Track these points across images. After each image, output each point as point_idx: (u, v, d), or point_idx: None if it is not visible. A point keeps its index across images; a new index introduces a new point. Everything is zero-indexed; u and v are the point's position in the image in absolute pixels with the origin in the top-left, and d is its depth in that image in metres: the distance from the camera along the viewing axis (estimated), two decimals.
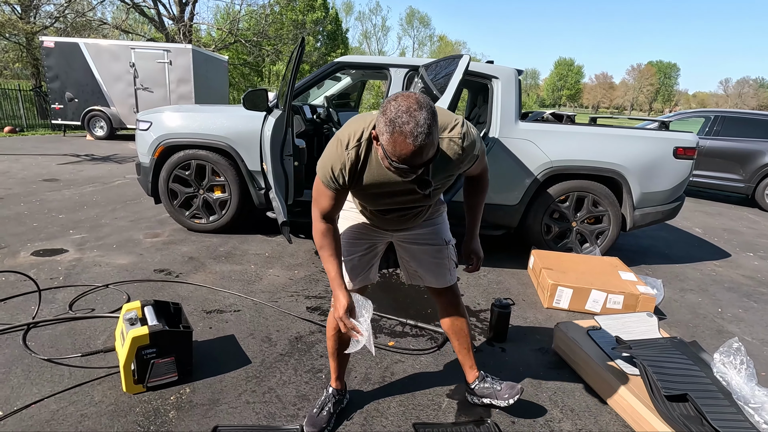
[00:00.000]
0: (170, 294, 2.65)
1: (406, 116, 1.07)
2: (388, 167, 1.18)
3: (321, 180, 1.34)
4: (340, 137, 1.30)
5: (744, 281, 3.62)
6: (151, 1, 14.85)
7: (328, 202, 1.37)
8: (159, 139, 3.56)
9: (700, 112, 7.75)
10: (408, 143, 1.08)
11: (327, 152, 1.32)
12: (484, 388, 1.79)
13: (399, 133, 1.08)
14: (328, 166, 1.31)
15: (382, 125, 1.12)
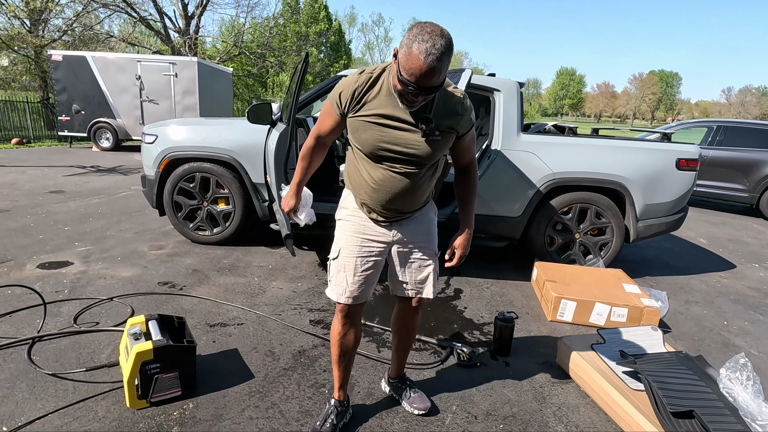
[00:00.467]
0: (174, 307, 2.66)
1: (428, 35, 1.17)
2: (395, 86, 1.28)
3: (329, 99, 1.48)
4: (359, 71, 1.44)
5: (750, 293, 3.59)
6: (158, 14, 15.09)
7: (329, 123, 1.53)
8: (164, 152, 3.60)
9: (702, 122, 7.76)
10: (420, 59, 1.17)
11: (341, 80, 1.47)
12: (401, 387, 1.92)
13: (416, 48, 1.17)
14: (339, 88, 1.44)
15: (405, 39, 1.22)
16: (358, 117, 1.41)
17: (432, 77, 1.19)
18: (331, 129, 1.54)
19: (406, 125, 1.38)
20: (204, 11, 15.83)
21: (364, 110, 1.39)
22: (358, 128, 1.42)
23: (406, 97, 1.27)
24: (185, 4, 15.26)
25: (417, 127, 1.35)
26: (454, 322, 2.72)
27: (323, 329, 2.51)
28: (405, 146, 1.40)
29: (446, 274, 3.51)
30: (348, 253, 1.58)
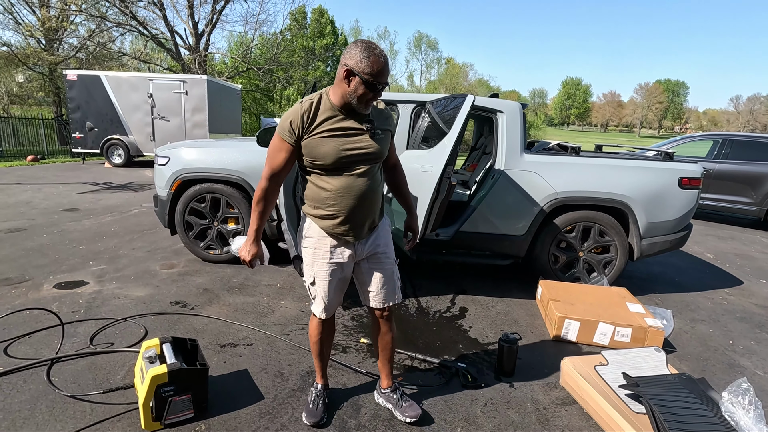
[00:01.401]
0: (186, 327, 2.73)
1: (371, 45, 1.55)
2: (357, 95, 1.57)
3: (279, 134, 1.63)
4: (300, 101, 1.65)
5: (757, 310, 3.59)
6: (168, 32, 15.49)
7: (283, 157, 1.64)
8: (177, 173, 3.72)
9: (707, 135, 7.77)
10: (381, 60, 1.55)
11: (285, 115, 1.63)
12: (392, 397, 2.04)
13: (376, 55, 1.54)
14: (285, 119, 1.62)
15: (358, 54, 1.54)
16: (314, 136, 1.62)
17: (388, 73, 1.58)
18: (285, 161, 1.66)
19: (355, 130, 1.65)
20: (214, 29, 16.23)
21: (318, 129, 1.62)
22: (316, 145, 1.62)
23: (366, 99, 1.59)
24: (195, 23, 15.66)
25: (364, 130, 1.66)
26: (459, 342, 2.76)
27: (331, 350, 2.55)
28: (361, 147, 1.66)
29: (452, 292, 3.56)
30: (321, 279, 1.81)
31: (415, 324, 2.97)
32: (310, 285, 1.85)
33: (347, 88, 1.59)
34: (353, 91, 1.58)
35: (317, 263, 1.79)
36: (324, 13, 28.91)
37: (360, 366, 2.40)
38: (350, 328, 2.86)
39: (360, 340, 2.67)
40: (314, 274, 1.81)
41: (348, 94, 1.59)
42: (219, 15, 16.03)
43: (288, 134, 1.61)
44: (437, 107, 3.24)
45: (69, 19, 15.48)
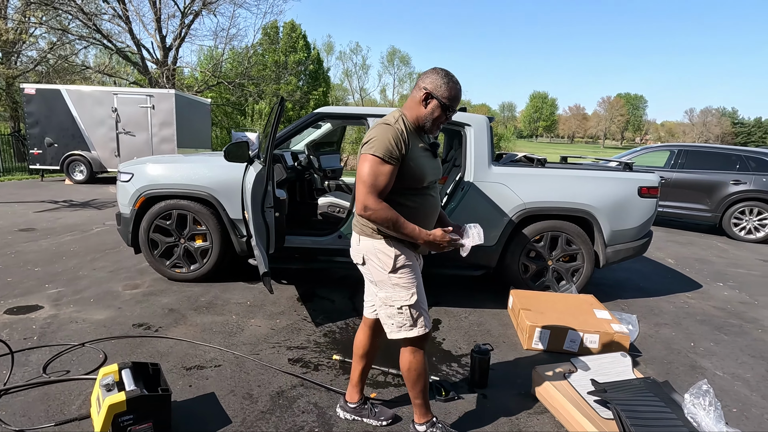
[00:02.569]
0: (149, 350, 2.61)
1: (451, 73, 1.69)
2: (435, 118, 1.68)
3: (381, 157, 1.60)
4: (384, 122, 1.67)
5: (715, 312, 3.74)
6: (135, 46, 15.15)
7: (387, 178, 1.62)
8: (140, 190, 3.59)
9: (664, 146, 8.18)
10: (458, 88, 1.69)
11: (379, 134, 1.62)
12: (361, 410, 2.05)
13: (454, 82, 1.67)
14: (386, 141, 1.60)
15: (438, 80, 1.66)
16: (411, 157, 1.66)
17: (460, 100, 1.70)
18: (388, 182, 1.63)
19: (427, 151, 1.76)
20: (182, 43, 15.99)
21: (412, 151, 1.67)
22: (414, 166, 1.67)
23: (439, 122, 1.70)
24: (163, 36, 15.38)
25: (434, 152, 1.79)
26: (433, 354, 2.75)
27: (302, 368, 2.50)
28: (438, 168, 1.80)
29: None
30: (421, 293, 1.77)
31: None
32: (410, 307, 1.73)
33: (424, 111, 1.68)
34: (430, 113, 1.68)
35: (416, 278, 1.77)
36: (296, 28, 28.97)
37: (333, 384, 2.35)
38: (322, 345, 2.80)
39: (332, 357, 2.62)
40: (415, 291, 1.74)
41: (424, 117, 1.69)
42: (188, 29, 15.82)
43: (395, 157, 1.61)
44: None
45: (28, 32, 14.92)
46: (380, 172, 1.60)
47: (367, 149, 1.62)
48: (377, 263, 1.74)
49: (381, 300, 1.79)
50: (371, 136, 1.63)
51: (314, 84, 30.07)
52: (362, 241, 1.77)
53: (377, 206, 1.61)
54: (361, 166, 1.63)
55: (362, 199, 1.61)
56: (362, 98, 45.20)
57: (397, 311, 1.75)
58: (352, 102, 44.31)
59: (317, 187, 5.20)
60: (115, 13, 14.51)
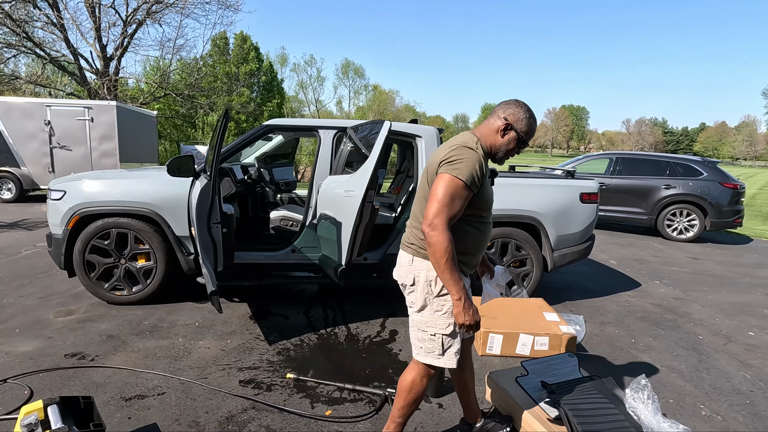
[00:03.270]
0: (83, 383, 2.41)
1: (531, 109, 1.69)
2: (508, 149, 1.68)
3: (464, 181, 1.54)
4: (466, 144, 1.61)
5: (653, 309, 4.00)
6: (72, 55, 14.25)
7: (462, 204, 1.57)
8: (74, 208, 3.35)
9: (604, 154, 8.74)
10: (536, 125, 1.71)
11: (465, 157, 1.57)
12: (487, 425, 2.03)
13: (534, 118, 1.70)
14: (473, 166, 1.56)
15: (521, 114, 1.66)
16: (484, 185, 1.65)
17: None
18: (463, 208, 1.59)
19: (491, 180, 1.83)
20: (125, 53, 15.23)
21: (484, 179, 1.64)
22: (485, 194, 1.67)
23: (511, 154, 1.71)
24: (103, 45, 14.57)
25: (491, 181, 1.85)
26: (390, 366, 2.73)
27: (254, 389, 2.40)
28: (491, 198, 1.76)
29: (382, 316, 3.54)
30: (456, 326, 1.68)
31: (345, 353, 2.89)
32: (446, 336, 1.67)
33: (500, 141, 1.67)
34: (505, 144, 1.67)
35: None
36: (247, 39, 28.49)
37: (286, 404, 2.27)
38: (276, 363, 2.71)
39: (286, 376, 2.53)
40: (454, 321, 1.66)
41: (498, 146, 1.68)
42: (131, 39, 15.10)
43: (477, 179, 1.57)
44: (359, 133, 3.28)
45: None
46: (459, 197, 1.55)
47: (451, 170, 1.55)
48: (425, 285, 1.67)
49: (416, 322, 1.72)
50: (455, 156, 1.56)
51: (268, 96, 29.63)
52: (416, 262, 1.69)
53: (443, 229, 1.52)
54: (439, 185, 1.55)
55: (432, 217, 1.52)
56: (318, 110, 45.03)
57: (429, 337, 1.69)
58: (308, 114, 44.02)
59: (269, 201, 5.08)
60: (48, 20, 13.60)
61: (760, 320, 3.82)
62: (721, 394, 2.55)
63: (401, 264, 1.77)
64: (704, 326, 3.62)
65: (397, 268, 1.80)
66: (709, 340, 3.33)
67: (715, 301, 4.30)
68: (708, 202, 7.22)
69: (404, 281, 1.75)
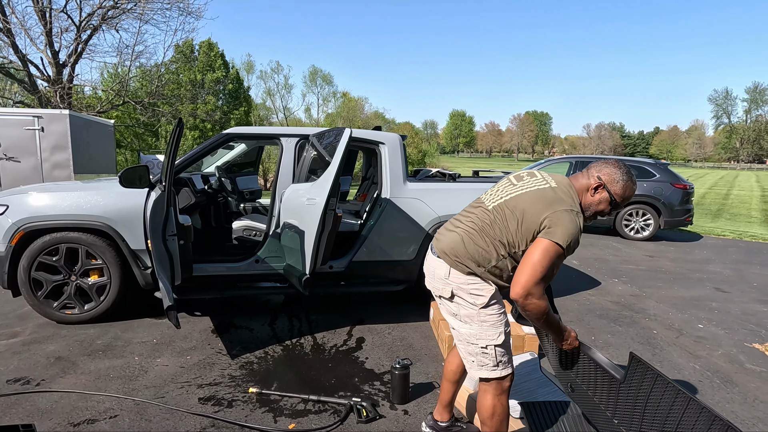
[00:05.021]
0: (26, 410, 2.25)
1: (630, 172, 1.66)
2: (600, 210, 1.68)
3: (565, 249, 1.53)
4: (571, 208, 1.58)
5: (611, 306, 4.15)
6: (20, 61, 13.51)
7: (558, 269, 1.59)
8: (18, 223, 3.15)
9: (565, 158, 9.08)
10: (633, 189, 1.68)
11: (569, 223, 1.54)
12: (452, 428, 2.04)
13: (632, 182, 1.66)
14: (574, 233, 1.54)
15: (618, 176, 1.65)
16: None
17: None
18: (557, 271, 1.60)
19: None
20: (79, 59, 14.57)
21: None
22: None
23: (599, 216, 1.70)
24: (55, 52, 13.88)
25: None
26: (355, 375, 2.70)
27: (214, 406, 2.31)
28: None
29: (349, 324, 3.51)
30: (507, 330, 1.72)
31: (311, 363, 2.84)
32: (497, 346, 1.67)
33: (590, 199, 1.67)
34: (595, 203, 1.67)
35: (503, 315, 1.71)
36: (213, 47, 27.93)
37: (248, 420, 2.20)
38: (238, 378, 2.63)
39: (248, 390, 2.46)
40: (502, 331, 1.68)
41: (588, 204, 1.67)
42: (85, 45, 14.46)
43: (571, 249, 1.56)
44: (324, 140, 3.26)
45: None
46: (557, 264, 1.55)
47: (553, 236, 1.52)
48: (469, 299, 1.67)
49: (464, 336, 1.71)
50: (558, 220, 1.53)
51: (235, 103, 29.10)
52: (453, 275, 1.69)
53: (540, 295, 1.52)
54: (539, 250, 1.52)
55: (529, 287, 1.50)
56: (286, 117, 44.56)
57: (481, 350, 1.68)
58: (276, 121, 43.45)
59: (233, 211, 4.97)
60: None
61: (708, 313, 4.04)
62: None
63: (437, 276, 1.75)
64: (658, 321, 3.79)
65: (432, 280, 1.79)
66: (662, 335, 3.49)
67: (668, 297, 4.51)
68: (661, 202, 7.60)
69: (441, 293, 1.75)
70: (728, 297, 4.56)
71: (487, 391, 1.71)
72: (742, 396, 2.58)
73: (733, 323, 3.78)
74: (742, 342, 3.38)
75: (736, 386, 2.69)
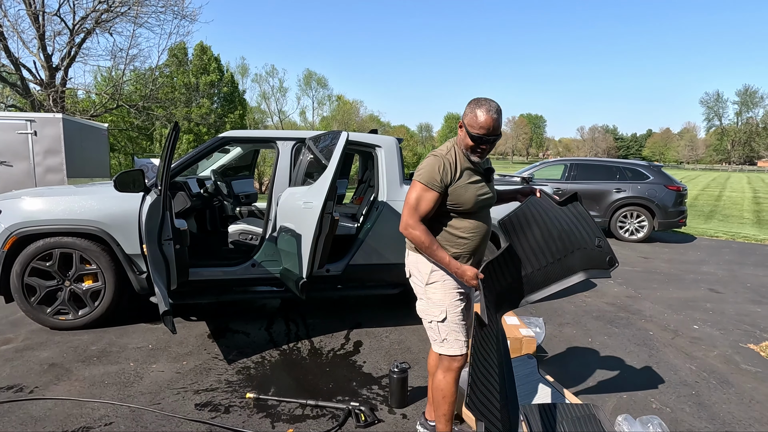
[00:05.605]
0: (19, 418, 2.22)
1: (484, 101, 1.74)
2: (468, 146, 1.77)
3: (426, 184, 1.74)
4: (434, 153, 1.81)
5: (607, 308, 4.17)
6: (12, 65, 13.40)
7: (429, 205, 1.76)
8: (11, 228, 3.12)
9: (559, 160, 9.12)
10: (488, 115, 1.70)
11: (427, 164, 1.77)
12: None
13: (480, 108, 1.72)
14: (432, 170, 1.74)
15: (467, 110, 1.75)
16: (458, 186, 1.78)
17: (496, 125, 1.72)
18: (432, 208, 1.77)
19: (482, 180, 1.85)
20: (73, 63, 14.48)
21: (461, 179, 1.78)
22: (460, 193, 1.78)
23: (476, 150, 1.76)
24: (48, 55, 13.78)
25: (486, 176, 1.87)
26: (353, 379, 2.69)
27: (211, 412, 2.29)
28: (487, 193, 1.85)
29: (346, 328, 3.50)
30: (453, 309, 1.83)
31: (308, 367, 2.83)
32: (440, 323, 1.83)
33: (460, 137, 1.81)
34: (462, 140, 1.79)
35: (448, 295, 1.83)
36: (206, 50, 27.88)
37: (245, 425, 2.18)
38: (235, 383, 2.60)
39: (245, 396, 2.44)
40: (446, 308, 1.82)
41: (460, 143, 1.80)
42: (78, 48, 14.38)
43: (437, 186, 1.74)
44: (320, 143, 3.26)
45: None
46: (423, 198, 1.76)
47: (416, 176, 1.78)
48: (417, 275, 1.89)
49: (418, 310, 1.92)
50: (421, 165, 1.80)
51: (230, 107, 29.06)
52: (409, 255, 1.93)
53: (415, 226, 1.76)
54: (409, 191, 1.79)
55: (404, 219, 1.78)
56: (281, 121, 44.50)
57: (428, 324, 1.88)
58: (271, 125, 43.37)
59: (228, 215, 4.94)
60: None
61: (702, 314, 4.06)
62: (669, 387, 2.68)
63: (406, 260, 1.99)
64: (654, 322, 3.81)
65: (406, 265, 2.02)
66: (658, 336, 3.50)
67: (663, 298, 4.54)
68: (655, 203, 7.66)
69: (408, 275, 1.98)
70: (722, 298, 4.59)
71: (440, 367, 1.89)
72: (739, 396, 2.60)
73: (728, 324, 3.81)
74: (737, 342, 3.40)
75: (732, 387, 2.71)
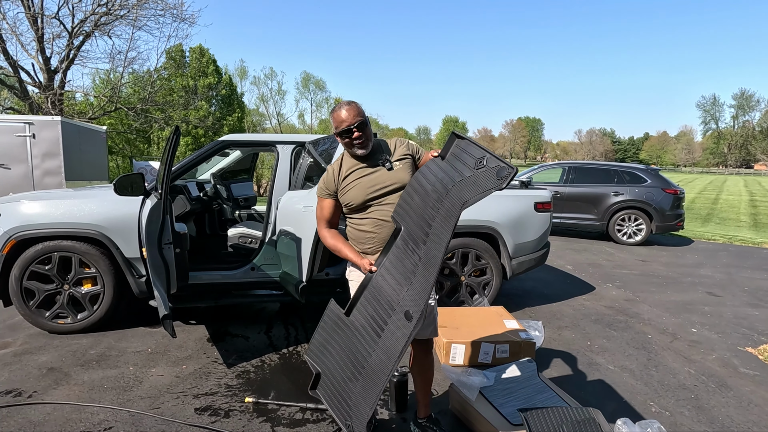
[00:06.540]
0: (18, 423, 2.21)
1: (342, 103, 1.86)
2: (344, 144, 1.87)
3: (319, 195, 1.97)
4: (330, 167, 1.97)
5: (606, 311, 4.18)
6: (10, 67, 13.39)
7: (327, 211, 1.96)
8: (10, 232, 3.11)
9: (557, 164, 9.14)
10: (339, 112, 1.84)
11: (322, 177, 1.97)
12: (429, 427, 2.11)
13: (334, 111, 1.87)
14: (321, 181, 1.96)
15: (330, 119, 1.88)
16: (345, 186, 1.90)
17: (351, 117, 1.81)
18: (332, 213, 1.96)
19: (371, 169, 1.90)
20: (71, 65, 14.47)
21: (348, 179, 1.90)
22: (346, 194, 1.90)
23: (352, 144, 1.84)
24: (47, 58, 13.78)
25: (380, 166, 1.90)
26: None
27: (210, 417, 2.29)
28: (380, 183, 1.88)
29: None
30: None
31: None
32: None
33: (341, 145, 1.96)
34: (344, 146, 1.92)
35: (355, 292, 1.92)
36: (204, 52, 27.90)
37: (244, 430, 2.18)
38: (235, 388, 2.60)
39: (245, 400, 2.44)
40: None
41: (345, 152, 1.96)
42: (77, 51, 14.37)
43: (327, 194, 1.94)
44: (319, 147, 3.27)
45: None
46: (321, 206, 1.98)
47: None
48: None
49: None
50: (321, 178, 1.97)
51: (228, 109, 29.05)
52: None
53: (323, 234, 1.97)
54: None
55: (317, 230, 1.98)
56: (280, 123, 44.52)
57: None
58: (269, 127, 43.39)
59: (228, 218, 4.94)
60: None
61: (701, 317, 4.08)
62: (668, 390, 2.69)
63: None
64: (652, 325, 3.82)
65: None
66: (656, 339, 3.52)
67: (661, 301, 4.55)
68: (653, 207, 7.69)
69: None
70: (720, 301, 4.61)
71: None
72: (737, 400, 2.61)
73: (726, 327, 3.83)
74: (736, 346, 3.42)
75: (730, 390, 2.72)
